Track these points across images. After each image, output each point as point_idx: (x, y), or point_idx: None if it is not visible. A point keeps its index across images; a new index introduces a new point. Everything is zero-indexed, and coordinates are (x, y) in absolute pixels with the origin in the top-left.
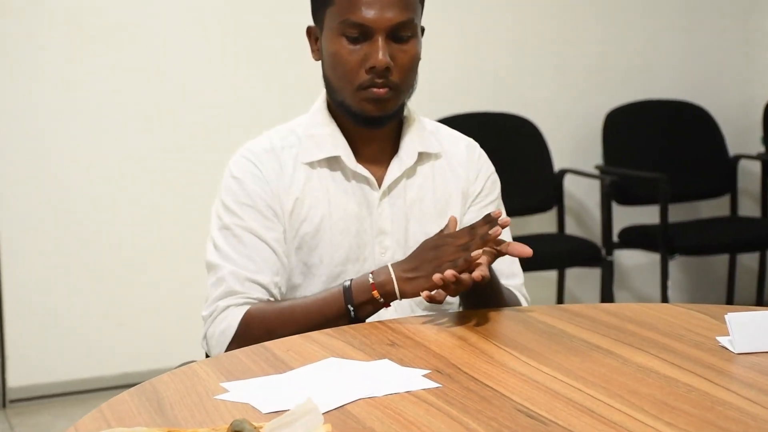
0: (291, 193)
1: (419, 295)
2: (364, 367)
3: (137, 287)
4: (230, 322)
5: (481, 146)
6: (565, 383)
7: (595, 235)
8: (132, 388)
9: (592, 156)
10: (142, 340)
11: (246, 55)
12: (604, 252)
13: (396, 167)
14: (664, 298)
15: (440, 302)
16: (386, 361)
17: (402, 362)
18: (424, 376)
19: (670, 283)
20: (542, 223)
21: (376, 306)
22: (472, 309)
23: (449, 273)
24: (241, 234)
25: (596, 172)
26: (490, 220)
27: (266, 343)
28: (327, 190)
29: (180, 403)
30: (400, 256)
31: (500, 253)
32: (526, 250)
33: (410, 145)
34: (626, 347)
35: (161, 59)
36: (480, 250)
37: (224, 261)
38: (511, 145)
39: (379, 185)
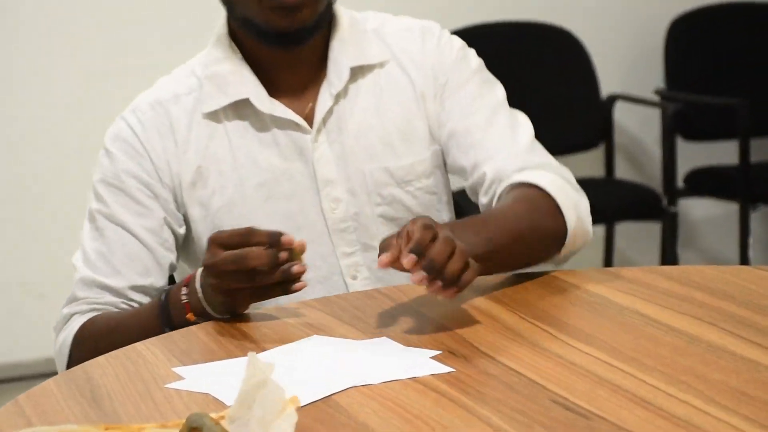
0: (189, 160)
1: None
2: (358, 348)
3: (63, 249)
4: (67, 335)
5: (507, 65)
6: (613, 367)
7: (655, 180)
8: (58, 375)
9: (651, 78)
10: None
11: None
12: (665, 201)
13: (326, 94)
14: (744, 259)
15: None
16: (385, 339)
17: (405, 341)
18: (433, 358)
19: (751, 240)
20: (585, 164)
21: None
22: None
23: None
24: (104, 225)
25: (656, 98)
26: (276, 240)
27: (230, 319)
28: (237, 148)
29: (121, 393)
30: (360, 206)
31: None
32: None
33: (340, 60)
34: (693, 321)
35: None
36: (302, 266)
37: (81, 262)
38: (545, 64)
39: (312, 123)
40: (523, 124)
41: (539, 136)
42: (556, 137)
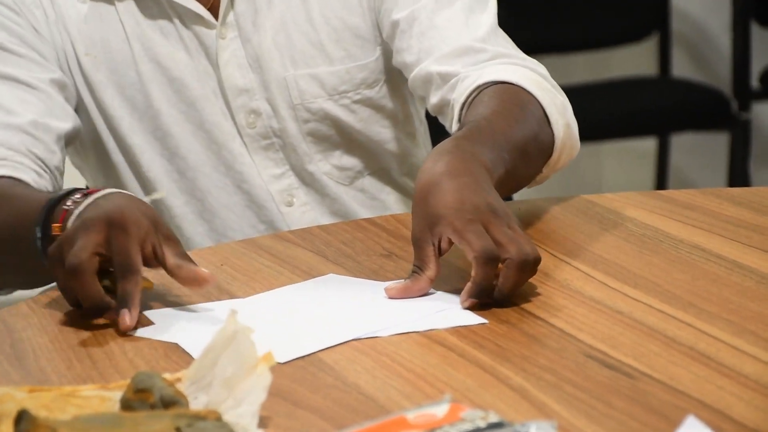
0: (75, 44)
1: None
2: (373, 291)
3: None
4: None
5: None
6: (665, 315)
7: (722, 80)
8: None
9: None
10: None
11: None
12: (735, 106)
13: None
14: None
15: None
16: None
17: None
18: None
19: None
20: (634, 59)
21: None
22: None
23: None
24: None
25: None
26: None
27: (189, 253)
28: (134, 37)
29: (49, 349)
30: (284, 122)
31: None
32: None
33: None
34: (766, 257)
35: None
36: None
37: None
38: None
39: (218, 17)
40: (486, 5)
41: (573, 24)
42: (596, 25)
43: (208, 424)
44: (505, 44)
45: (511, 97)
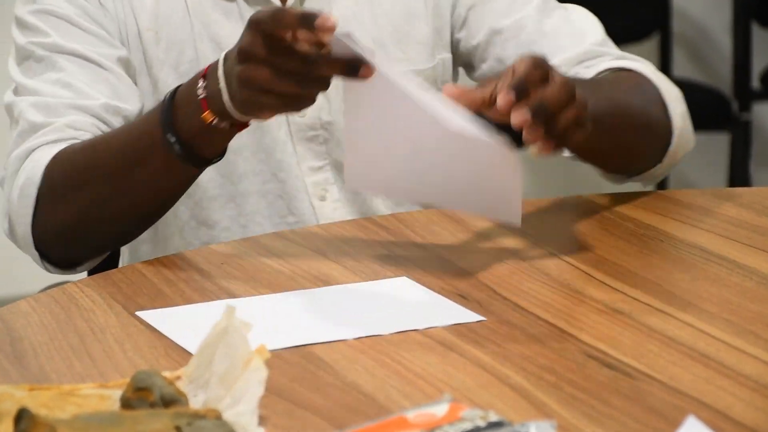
0: (138, 18)
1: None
2: (370, 290)
3: None
4: (31, 172)
5: None
6: (665, 314)
7: (723, 80)
8: None
9: None
10: None
11: None
12: (736, 106)
13: None
14: None
15: None
16: (405, 279)
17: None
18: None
19: None
20: None
21: (217, 135)
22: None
23: None
24: (46, 55)
25: None
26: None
27: (185, 254)
28: (195, 15)
29: (49, 347)
30: (335, 115)
31: None
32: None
33: None
34: (766, 257)
35: None
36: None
37: (25, 102)
38: None
39: (286, 1)
40: (587, 17)
41: None
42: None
43: (207, 423)
44: (616, 49)
45: (629, 78)
